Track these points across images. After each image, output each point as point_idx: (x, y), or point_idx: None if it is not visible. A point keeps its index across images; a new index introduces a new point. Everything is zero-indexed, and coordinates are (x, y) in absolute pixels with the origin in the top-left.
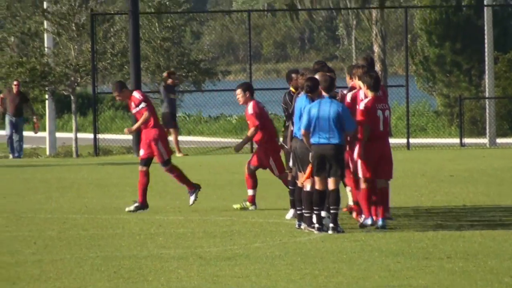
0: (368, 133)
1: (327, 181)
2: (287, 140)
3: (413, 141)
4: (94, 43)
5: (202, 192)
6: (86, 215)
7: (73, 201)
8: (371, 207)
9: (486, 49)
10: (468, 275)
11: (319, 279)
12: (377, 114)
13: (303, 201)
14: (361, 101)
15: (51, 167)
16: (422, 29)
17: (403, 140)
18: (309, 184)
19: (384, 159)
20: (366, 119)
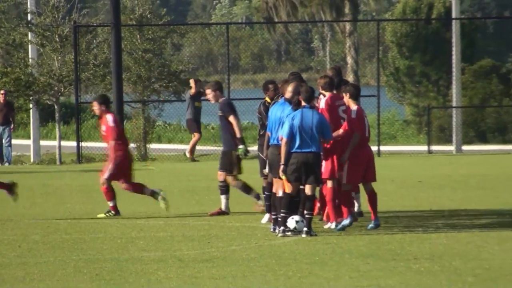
0: (358, 140)
1: (299, 187)
2: (262, 148)
3: (383, 148)
4: (77, 54)
5: (181, 198)
6: (69, 220)
7: (56, 206)
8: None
9: (454, 61)
10: (433, 275)
11: (293, 280)
12: (365, 122)
13: (277, 206)
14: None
15: (35, 173)
16: (393, 42)
17: (374, 148)
18: (281, 190)
19: (370, 162)
20: (359, 128)
